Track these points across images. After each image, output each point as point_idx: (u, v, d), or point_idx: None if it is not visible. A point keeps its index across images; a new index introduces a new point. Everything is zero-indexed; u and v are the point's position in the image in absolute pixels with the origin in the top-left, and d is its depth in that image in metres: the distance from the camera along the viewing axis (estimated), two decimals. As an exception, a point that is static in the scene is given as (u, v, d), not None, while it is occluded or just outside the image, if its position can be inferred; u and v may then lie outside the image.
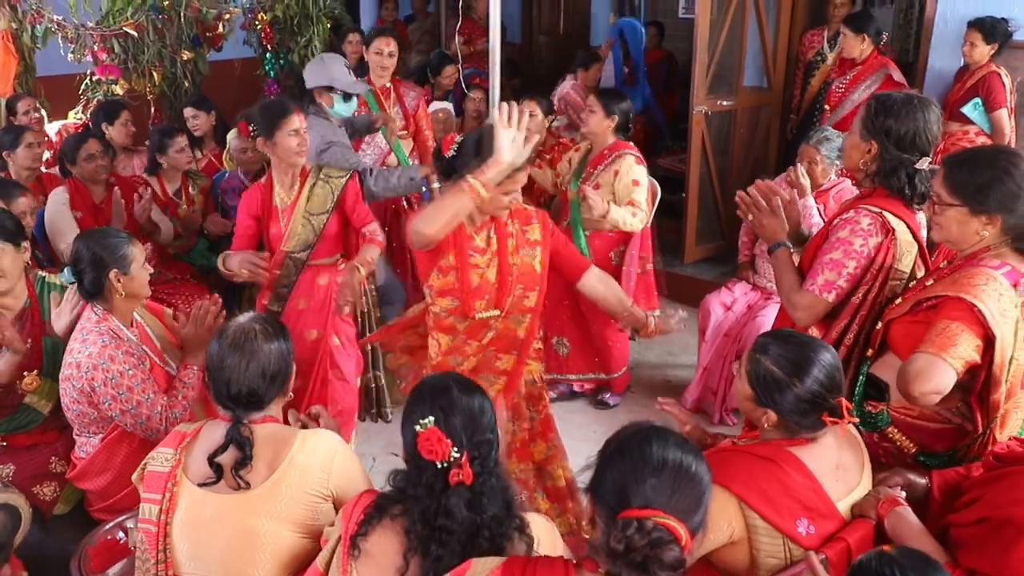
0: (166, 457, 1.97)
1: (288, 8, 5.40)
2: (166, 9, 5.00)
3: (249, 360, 1.95)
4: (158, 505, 1.93)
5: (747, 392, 1.89)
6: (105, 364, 2.38)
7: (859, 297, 2.29)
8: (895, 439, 2.14)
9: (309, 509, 1.91)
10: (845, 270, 2.27)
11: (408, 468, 1.69)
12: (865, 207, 2.30)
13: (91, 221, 3.77)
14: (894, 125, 2.25)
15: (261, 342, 1.97)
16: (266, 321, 2.04)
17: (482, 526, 1.62)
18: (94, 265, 2.46)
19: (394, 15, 7.99)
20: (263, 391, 1.97)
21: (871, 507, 1.84)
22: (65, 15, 4.83)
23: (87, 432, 2.54)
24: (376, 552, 1.64)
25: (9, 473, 2.56)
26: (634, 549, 1.33)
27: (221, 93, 5.20)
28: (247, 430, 1.92)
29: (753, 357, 1.88)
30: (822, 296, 2.29)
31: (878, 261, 2.26)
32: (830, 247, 2.31)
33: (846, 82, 4.87)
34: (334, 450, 1.97)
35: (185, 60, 5.20)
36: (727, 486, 1.78)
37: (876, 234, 2.26)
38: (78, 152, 3.82)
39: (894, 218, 2.27)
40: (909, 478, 1.96)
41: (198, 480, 1.92)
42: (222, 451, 1.90)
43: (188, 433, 2.00)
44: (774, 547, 1.78)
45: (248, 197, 3.23)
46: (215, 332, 2.10)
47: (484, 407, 1.70)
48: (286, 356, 2.03)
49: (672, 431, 1.48)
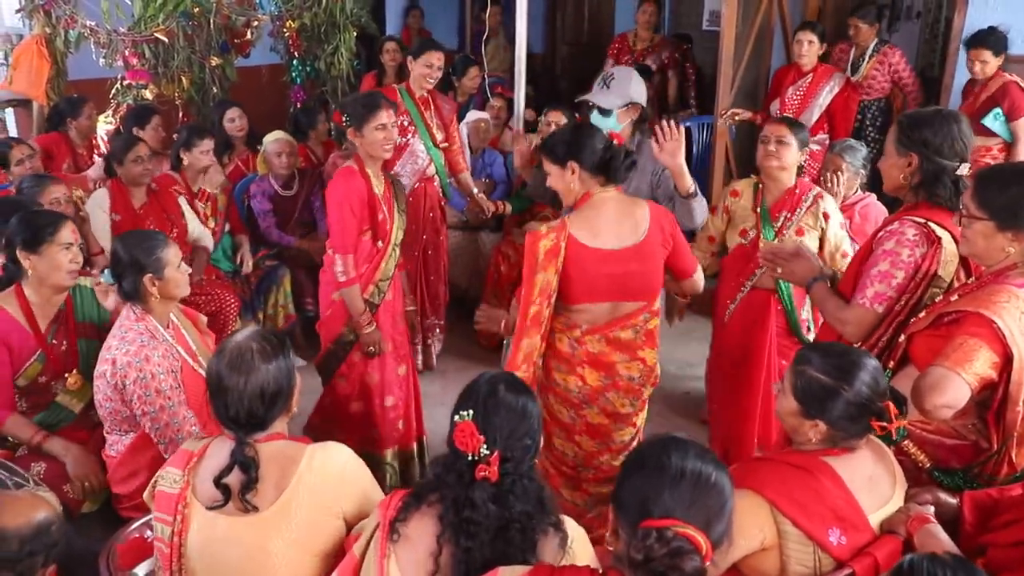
0: (174, 479, 1.92)
1: (316, 16, 5.47)
2: (196, 16, 5.07)
3: (247, 381, 1.87)
4: (170, 527, 1.90)
5: (792, 407, 1.89)
6: (139, 363, 2.42)
7: (900, 305, 2.29)
8: (911, 453, 2.14)
9: (320, 528, 1.88)
10: (894, 280, 2.27)
11: (447, 454, 1.71)
12: (910, 218, 2.31)
13: (129, 224, 3.82)
14: (930, 135, 2.28)
15: (258, 362, 1.88)
16: (264, 338, 1.95)
17: (512, 520, 1.64)
18: (130, 268, 2.51)
19: (420, 23, 8.06)
20: (263, 413, 1.90)
21: (900, 523, 1.84)
22: (98, 20, 4.90)
23: (118, 430, 2.58)
24: (414, 536, 1.67)
25: (39, 471, 2.59)
26: (654, 558, 1.34)
27: (248, 99, 5.25)
28: (252, 450, 1.87)
29: (797, 370, 1.88)
30: (873, 308, 2.29)
31: (923, 269, 2.27)
32: (876, 260, 2.31)
33: (804, 89, 4.92)
34: (343, 465, 1.94)
35: (213, 66, 5.26)
36: (760, 491, 1.79)
37: (922, 244, 2.26)
38: (127, 154, 3.86)
39: (939, 228, 2.27)
40: (940, 496, 1.96)
41: (207, 502, 1.87)
42: (227, 472, 1.86)
43: (195, 452, 1.94)
44: (804, 555, 1.78)
45: (350, 182, 3.14)
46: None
47: (529, 411, 1.71)
48: (287, 373, 1.94)
49: (692, 442, 1.49)
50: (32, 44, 4.83)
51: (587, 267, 2.53)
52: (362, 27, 5.83)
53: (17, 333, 2.67)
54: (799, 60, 4.91)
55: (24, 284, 2.72)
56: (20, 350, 2.67)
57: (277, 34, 5.58)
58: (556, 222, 2.57)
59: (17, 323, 2.67)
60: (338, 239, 3.13)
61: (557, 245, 2.50)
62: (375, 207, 3.19)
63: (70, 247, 2.69)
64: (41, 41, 4.82)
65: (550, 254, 2.50)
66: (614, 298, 2.61)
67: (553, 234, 2.51)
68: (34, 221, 2.70)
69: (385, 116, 3.10)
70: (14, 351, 2.65)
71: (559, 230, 2.52)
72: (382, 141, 3.12)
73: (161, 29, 4.96)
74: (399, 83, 4.34)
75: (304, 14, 5.44)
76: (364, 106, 3.11)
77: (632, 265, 2.58)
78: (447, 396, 4.33)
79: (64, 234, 2.68)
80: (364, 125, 3.09)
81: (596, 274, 2.55)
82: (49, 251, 2.65)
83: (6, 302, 2.70)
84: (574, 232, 2.52)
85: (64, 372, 2.77)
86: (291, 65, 5.70)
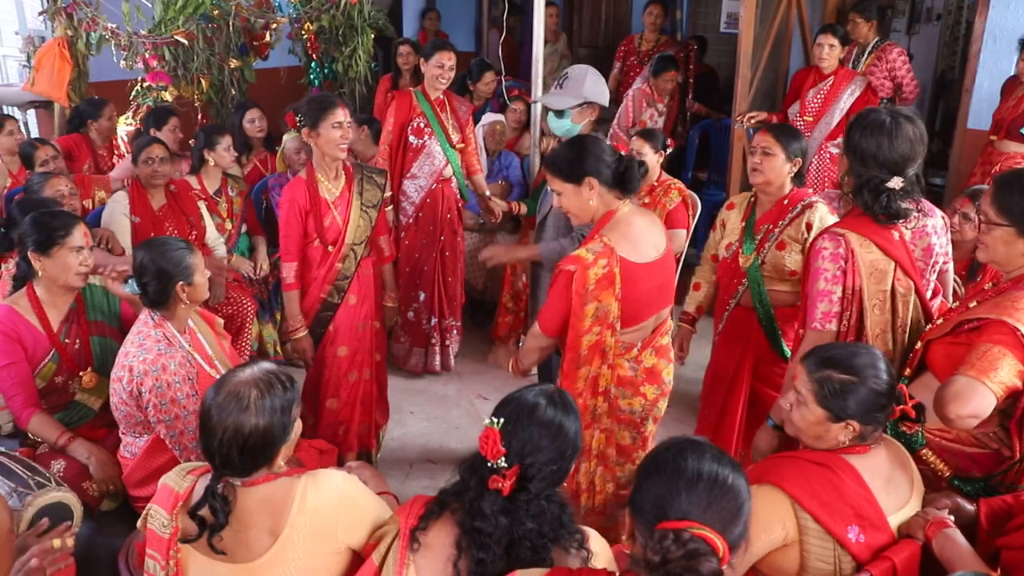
0: (163, 523, 1.83)
1: (334, 18, 5.50)
2: (216, 18, 5.11)
3: (232, 426, 1.75)
4: (164, 570, 1.83)
5: (817, 416, 1.87)
6: (156, 372, 2.42)
7: (844, 325, 2.28)
8: (929, 462, 2.11)
9: (324, 564, 1.81)
10: (835, 296, 2.26)
11: (476, 453, 1.67)
12: (832, 230, 2.30)
13: (148, 226, 3.86)
14: (861, 142, 2.25)
15: (252, 408, 1.76)
16: (270, 383, 1.81)
17: (523, 537, 1.61)
18: (159, 277, 2.50)
19: (436, 25, 8.08)
20: (239, 462, 1.77)
21: (918, 528, 1.83)
22: (119, 23, 4.95)
23: (133, 432, 2.60)
24: (435, 543, 1.65)
25: (60, 470, 2.61)
26: (671, 560, 1.33)
27: (266, 101, 5.28)
28: (229, 490, 1.78)
29: (815, 379, 1.87)
30: (826, 328, 2.28)
31: (848, 284, 2.26)
32: (813, 278, 2.30)
33: (825, 92, 4.87)
34: (336, 498, 1.82)
35: (232, 68, 5.30)
36: (781, 486, 1.79)
37: (843, 257, 2.25)
38: (139, 155, 3.91)
39: (857, 238, 2.25)
40: (958, 502, 1.95)
41: (201, 543, 1.78)
42: (202, 505, 1.77)
43: (180, 495, 1.83)
44: (824, 551, 1.78)
45: (293, 192, 3.21)
46: None
47: (565, 432, 1.66)
48: (280, 427, 1.80)
49: (709, 444, 1.48)
50: (54, 46, 4.89)
51: (639, 285, 2.44)
52: (379, 29, 5.87)
53: (30, 333, 2.69)
54: (819, 63, 4.87)
55: (35, 284, 2.74)
56: (34, 350, 2.69)
57: (295, 36, 5.62)
58: (598, 246, 2.38)
59: (30, 323, 2.69)
60: (282, 247, 3.26)
61: (611, 271, 2.36)
62: (321, 213, 3.22)
63: (80, 250, 2.70)
64: (63, 43, 4.88)
65: (604, 281, 2.36)
66: (658, 309, 2.58)
67: (604, 260, 2.36)
68: (46, 223, 2.70)
69: (341, 114, 3.13)
70: (28, 351, 2.68)
71: (608, 254, 2.37)
72: (338, 139, 3.13)
73: (181, 32, 5.01)
74: (415, 86, 4.36)
75: (322, 16, 5.47)
76: (319, 105, 3.14)
77: (667, 272, 2.57)
78: (463, 398, 4.35)
79: (75, 237, 2.69)
80: (320, 123, 3.10)
81: (648, 290, 2.48)
82: (59, 254, 2.67)
83: (18, 303, 2.71)
84: (623, 254, 2.39)
85: (79, 371, 2.79)
86: (309, 67, 5.73)
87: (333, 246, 3.25)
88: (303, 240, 3.23)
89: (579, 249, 2.41)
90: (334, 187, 3.26)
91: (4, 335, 2.64)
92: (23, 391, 2.66)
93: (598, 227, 2.47)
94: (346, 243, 3.28)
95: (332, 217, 3.24)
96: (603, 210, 2.48)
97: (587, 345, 2.44)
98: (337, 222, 3.25)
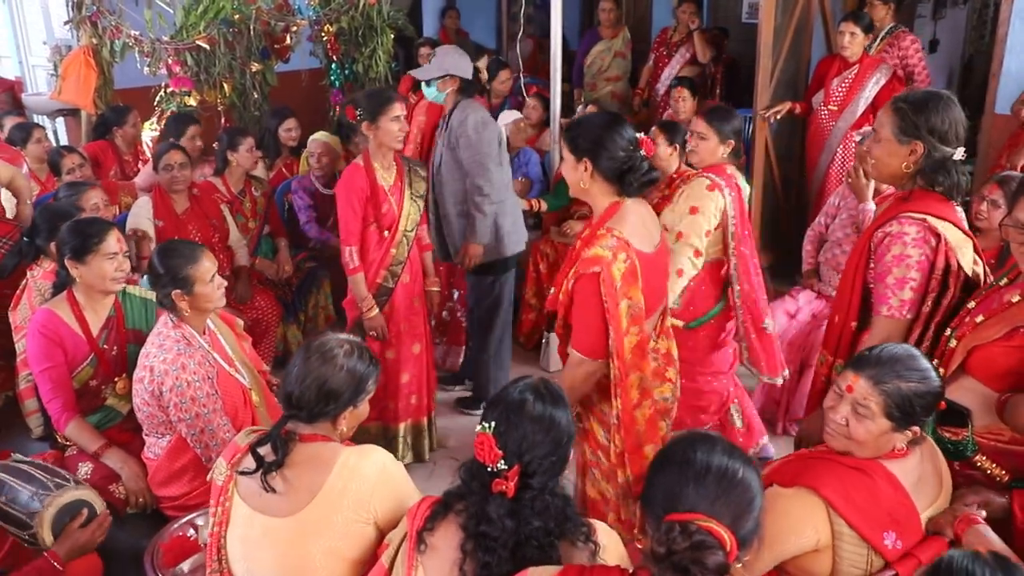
0: (221, 470, 1.96)
1: (353, 19, 5.52)
2: (237, 23, 5.15)
3: (316, 368, 1.92)
4: (214, 517, 1.95)
5: (883, 427, 1.80)
6: (176, 371, 2.45)
7: (929, 305, 2.21)
8: (984, 467, 2.02)
9: (353, 534, 1.87)
10: (912, 283, 2.20)
11: (473, 459, 1.68)
12: (908, 215, 2.21)
13: (172, 230, 3.91)
14: (937, 122, 2.18)
15: (337, 359, 1.94)
16: (356, 346, 2.01)
17: (530, 536, 1.60)
18: (159, 284, 2.56)
19: (456, 24, 8.09)
20: (312, 404, 1.93)
21: (947, 524, 1.79)
22: (142, 30, 5.02)
23: (156, 433, 2.63)
24: (441, 545, 1.65)
25: (87, 472, 2.66)
26: (677, 551, 1.32)
27: (288, 103, 5.33)
28: (291, 436, 1.92)
29: (883, 391, 1.79)
30: (904, 317, 2.21)
31: (939, 266, 2.19)
32: (887, 268, 2.23)
33: (850, 80, 4.77)
34: (377, 471, 1.91)
35: (254, 71, 5.35)
36: (817, 489, 1.75)
37: (929, 240, 2.19)
38: (159, 160, 3.95)
39: (937, 220, 2.19)
40: (988, 496, 1.89)
41: (248, 495, 1.91)
42: (265, 442, 1.91)
43: (241, 448, 1.96)
44: (858, 556, 1.75)
45: (354, 179, 3.36)
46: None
47: (556, 423, 1.66)
48: (355, 384, 1.97)
49: (720, 438, 1.47)
50: (80, 55, 4.96)
51: (651, 275, 2.36)
52: (399, 29, 5.88)
53: (71, 338, 2.73)
54: (843, 52, 4.78)
55: (75, 289, 2.78)
56: (74, 354, 2.73)
57: (316, 38, 5.65)
58: (612, 241, 2.24)
59: (70, 328, 2.74)
60: (343, 232, 3.40)
61: (632, 264, 2.24)
62: (379, 199, 3.39)
63: (115, 256, 2.73)
64: (88, 52, 4.95)
65: (629, 276, 2.24)
66: (666, 295, 2.56)
67: (623, 254, 2.23)
68: (81, 231, 2.75)
69: (399, 108, 3.30)
70: (68, 355, 2.72)
71: (624, 247, 2.24)
72: (396, 132, 3.31)
73: (203, 37, 5.06)
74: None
75: (342, 18, 5.50)
76: (378, 99, 3.31)
77: (667, 257, 2.57)
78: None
79: (109, 243, 2.73)
80: (380, 117, 3.27)
81: (659, 279, 2.45)
82: (94, 261, 2.70)
83: (59, 307, 2.76)
84: (636, 245, 2.28)
85: (115, 376, 2.83)
86: (330, 69, 5.76)
87: (389, 231, 3.43)
88: (363, 224, 3.39)
89: (593, 249, 2.26)
90: (388, 176, 3.44)
91: (45, 338, 2.69)
92: (62, 395, 2.70)
93: (604, 219, 2.34)
94: (400, 229, 3.44)
95: (389, 204, 3.41)
96: (606, 200, 2.35)
97: (631, 348, 2.29)
98: (393, 209, 3.42)
